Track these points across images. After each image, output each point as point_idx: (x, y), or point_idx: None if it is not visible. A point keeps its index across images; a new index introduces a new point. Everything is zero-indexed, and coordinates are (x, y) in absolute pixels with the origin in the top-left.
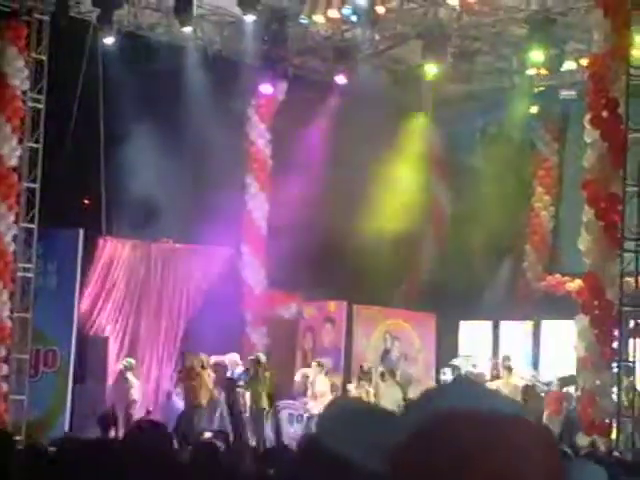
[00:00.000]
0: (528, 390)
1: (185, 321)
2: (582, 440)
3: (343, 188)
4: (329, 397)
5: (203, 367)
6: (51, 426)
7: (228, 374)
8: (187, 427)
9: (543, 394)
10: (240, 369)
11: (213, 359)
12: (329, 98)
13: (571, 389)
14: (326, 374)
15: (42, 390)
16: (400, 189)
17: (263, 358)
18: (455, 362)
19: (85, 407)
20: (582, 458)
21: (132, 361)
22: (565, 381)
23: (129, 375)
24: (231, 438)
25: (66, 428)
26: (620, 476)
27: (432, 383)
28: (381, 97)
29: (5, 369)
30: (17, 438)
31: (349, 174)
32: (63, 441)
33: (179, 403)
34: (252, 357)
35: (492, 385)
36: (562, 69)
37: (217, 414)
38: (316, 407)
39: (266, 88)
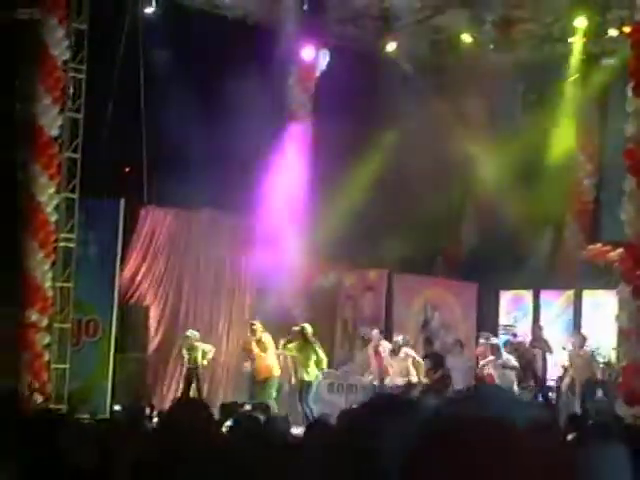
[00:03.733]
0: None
1: (226, 290)
2: (624, 411)
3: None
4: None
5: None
6: (93, 395)
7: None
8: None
9: (602, 365)
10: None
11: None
12: (371, 68)
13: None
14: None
15: (84, 359)
16: (443, 159)
17: (309, 329)
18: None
19: (127, 376)
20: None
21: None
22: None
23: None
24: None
25: (108, 398)
26: None
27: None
28: (422, 65)
29: (47, 338)
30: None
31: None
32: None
33: None
34: (296, 328)
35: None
36: (604, 37)
37: None
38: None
39: (306, 57)
